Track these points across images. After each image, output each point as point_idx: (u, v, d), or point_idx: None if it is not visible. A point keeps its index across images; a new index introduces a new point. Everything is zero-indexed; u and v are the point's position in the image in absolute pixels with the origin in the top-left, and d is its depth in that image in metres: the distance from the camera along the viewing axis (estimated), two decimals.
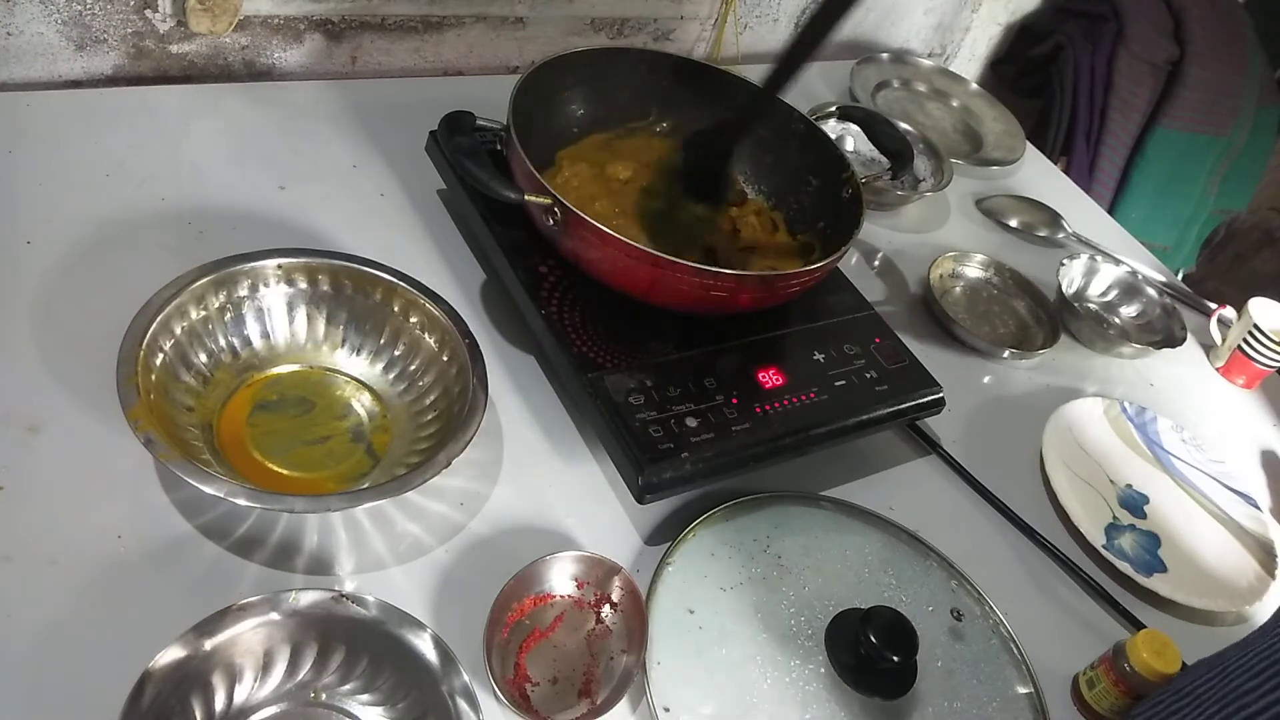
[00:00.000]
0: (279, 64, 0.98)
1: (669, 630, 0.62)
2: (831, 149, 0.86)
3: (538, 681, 0.59)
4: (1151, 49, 1.47)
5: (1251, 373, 1.05)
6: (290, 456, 0.64)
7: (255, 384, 0.67)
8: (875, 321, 0.83)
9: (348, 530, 0.63)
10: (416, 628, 0.56)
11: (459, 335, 0.68)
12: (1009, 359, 0.97)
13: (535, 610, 0.62)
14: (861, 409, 0.75)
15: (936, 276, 1.00)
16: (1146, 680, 0.66)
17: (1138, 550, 0.82)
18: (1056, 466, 0.85)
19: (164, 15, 0.88)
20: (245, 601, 0.54)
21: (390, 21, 1.00)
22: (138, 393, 0.57)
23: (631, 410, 0.68)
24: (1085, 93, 1.49)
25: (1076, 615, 0.76)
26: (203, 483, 0.55)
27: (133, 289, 0.63)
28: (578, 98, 0.86)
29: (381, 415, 0.69)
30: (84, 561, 0.57)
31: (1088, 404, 0.93)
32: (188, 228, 0.77)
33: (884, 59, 1.33)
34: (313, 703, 0.54)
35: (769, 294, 0.75)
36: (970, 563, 0.73)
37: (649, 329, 0.73)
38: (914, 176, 1.11)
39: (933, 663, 0.66)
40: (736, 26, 1.24)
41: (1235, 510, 0.89)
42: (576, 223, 0.68)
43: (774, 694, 0.61)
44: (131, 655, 0.50)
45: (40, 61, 0.86)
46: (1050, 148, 1.51)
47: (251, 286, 0.67)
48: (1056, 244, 1.15)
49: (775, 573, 0.68)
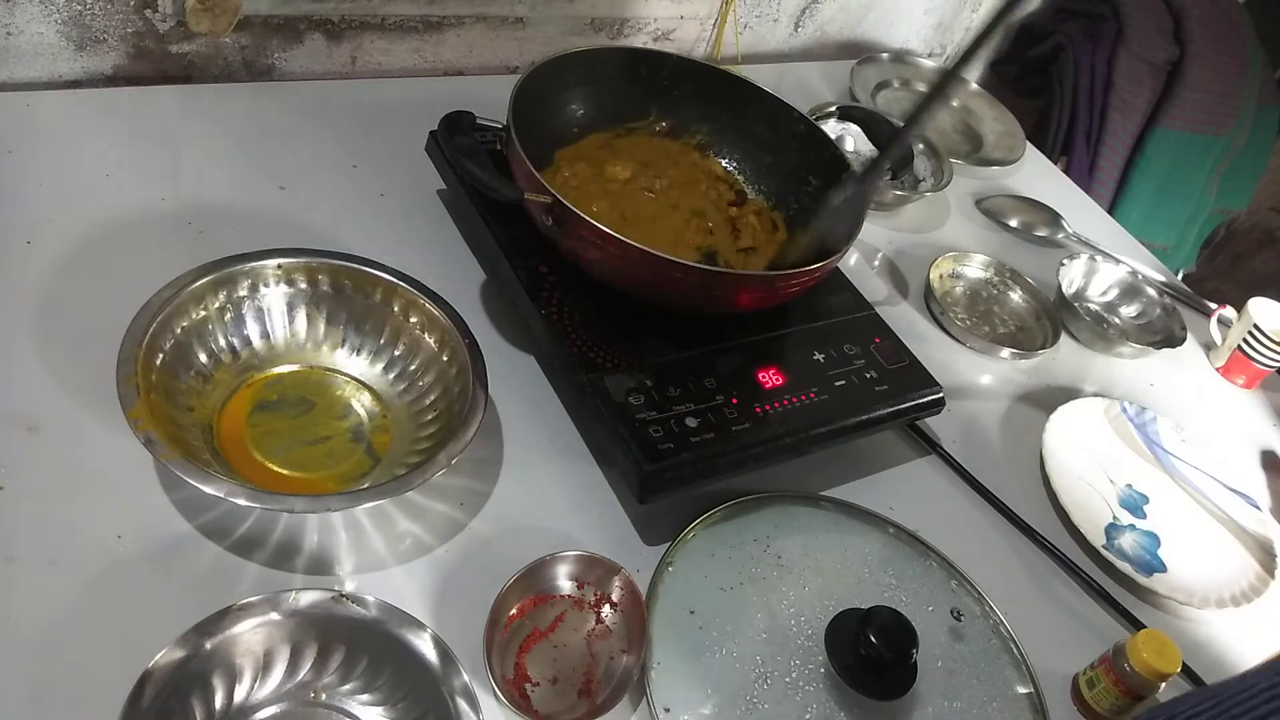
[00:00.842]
0: (279, 64, 0.98)
1: (669, 630, 0.62)
2: (831, 149, 0.86)
3: (538, 681, 0.59)
4: (1151, 49, 1.47)
5: (1251, 373, 1.05)
6: (290, 456, 0.64)
7: (255, 384, 0.67)
8: (875, 321, 0.83)
9: (348, 530, 0.63)
10: (416, 628, 0.56)
11: (459, 335, 0.68)
12: (1009, 359, 0.97)
13: (535, 610, 0.62)
14: (861, 409, 0.75)
15: (936, 276, 1.00)
16: (1146, 680, 0.66)
17: (1138, 550, 0.82)
18: (1056, 466, 0.85)
19: (164, 15, 0.88)
20: (245, 601, 0.54)
21: (390, 21, 1.00)
22: (138, 393, 0.57)
23: (631, 410, 0.68)
24: (1085, 93, 1.49)
25: (1076, 615, 0.76)
26: (203, 483, 0.55)
27: (133, 289, 0.63)
28: (578, 98, 0.86)
29: (381, 415, 0.69)
30: (84, 561, 0.57)
31: (1088, 404, 0.93)
32: (188, 228, 0.77)
33: (884, 59, 1.33)
34: (313, 703, 0.54)
35: (769, 294, 0.75)
36: (970, 563, 0.73)
37: (649, 329, 0.73)
38: (914, 176, 1.11)
39: (933, 663, 0.66)
40: (736, 26, 1.24)
41: (1235, 510, 0.89)
42: (576, 222, 0.68)
43: (774, 694, 0.61)
44: (131, 655, 0.50)
45: (40, 61, 0.86)
46: (1050, 148, 1.51)
47: (251, 286, 0.67)
48: (1056, 244, 1.15)
49: (775, 573, 0.68)
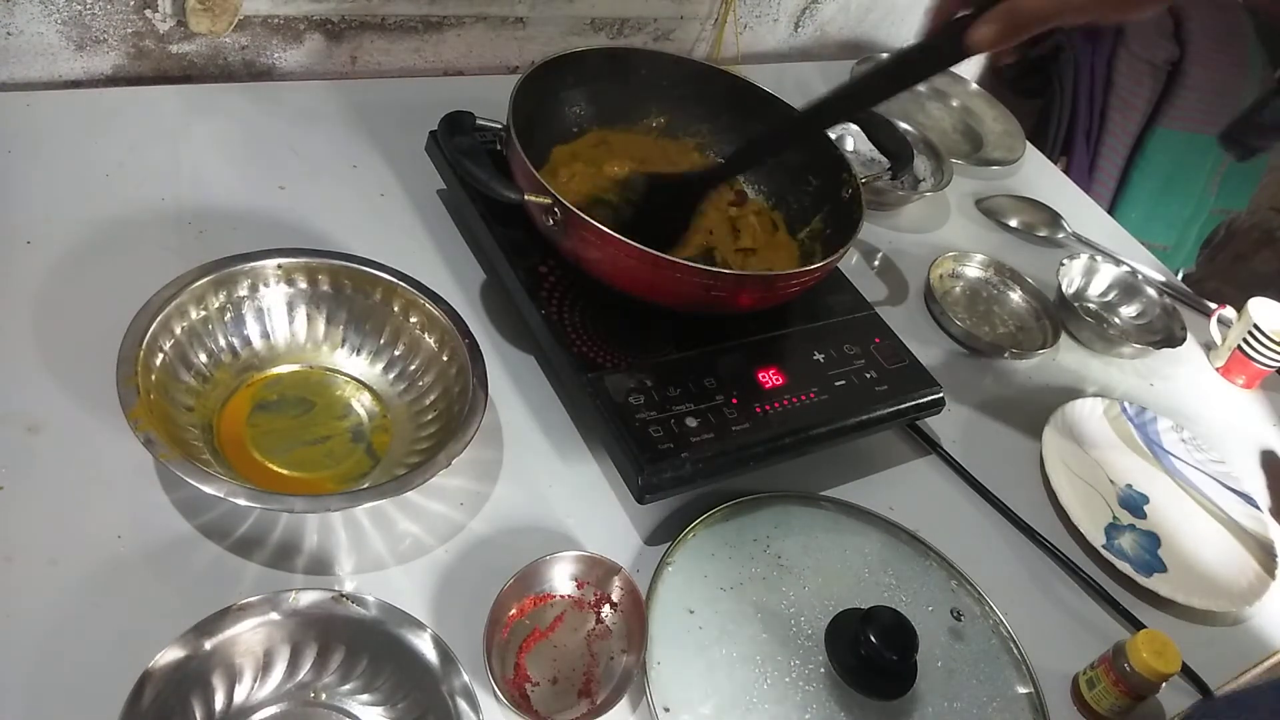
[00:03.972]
0: (279, 64, 0.98)
1: (669, 630, 0.62)
2: (831, 149, 0.86)
3: (538, 681, 0.59)
4: (1151, 49, 1.47)
5: (1251, 373, 1.05)
6: (290, 456, 0.64)
7: (255, 384, 0.67)
8: (875, 321, 0.83)
9: (348, 530, 0.63)
10: (416, 628, 0.56)
11: (459, 335, 0.68)
12: (1009, 359, 0.97)
13: (535, 610, 0.62)
14: (861, 409, 0.75)
15: (936, 276, 1.00)
16: (1146, 680, 0.66)
17: (1138, 550, 0.82)
18: (1056, 466, 0.85)
19: (164, 15, 0.88)
20: (245, 601, 0.54)
21: (390, 21, 1.00)
22: (138, 393, 0.57)
23: (631, 410, 0.68)
24: (1085, 93, 1.50)
25: (1076, 615, 0.76)
26: (203, 483, 0.55)
27: (133, 289, 0.63)
28: (578, 98, 0.86)
29: (381, 415, 0.69)
30: (84, 561, 0.57)
31: (1088, 404, 0.93)
32: (188, 228, 0.77)
33: (884, 59, 1.33)
34: (313, 703, 0.54)
35: (769, 294, 0.75)
36: (970, 563, 0.73)
37: (649, 329, 0.73)
38: (914, 176, 1.11)
39: (933, 663, 0.66)
40: (736, 26, 1.24)
41: (1235, 510, 0.89)
42: (576, 222, 0.68)
43: (774, 694, 0.61)
44: (131, 655, 0.50)
45: (40, 61, 0.86)
46: (1050, 148, 1.51)
47: (251, 286, 0.67)
48: (1056, 244, 1.15)
49: (775, 573, 0.68)
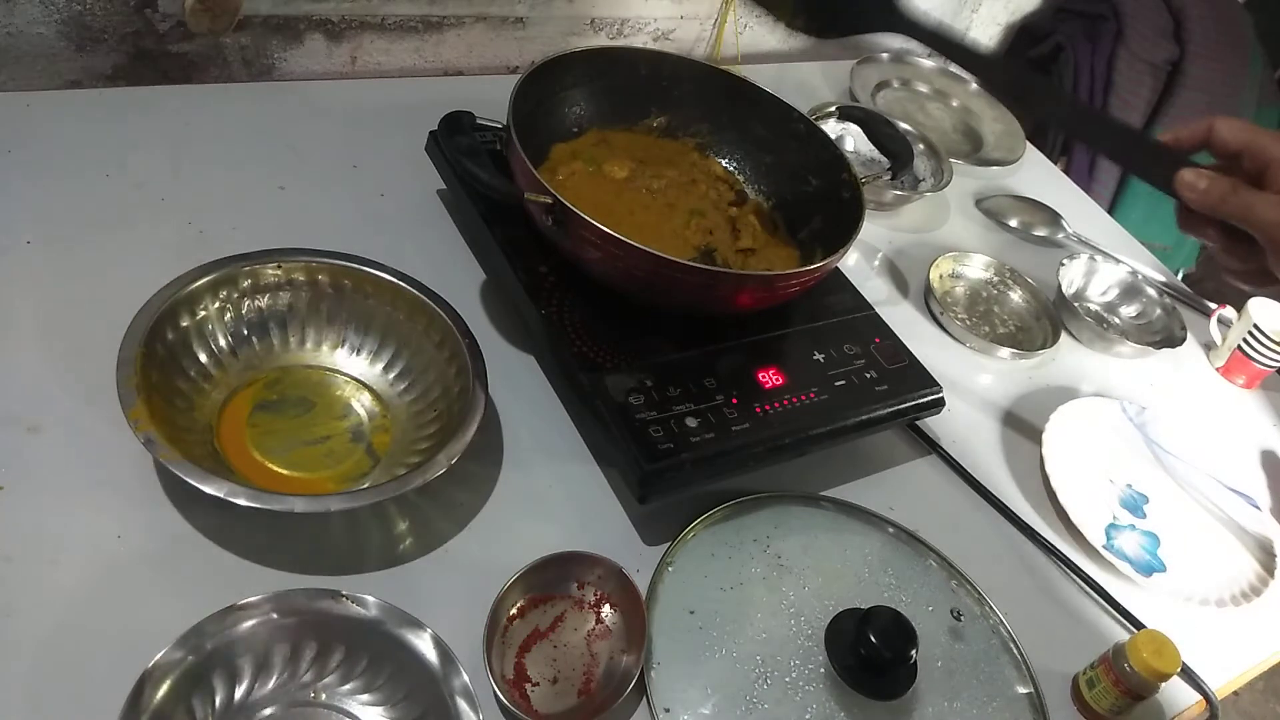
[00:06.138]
0: (279, 64, 0.98)
1: (669, 630, 0.62)
2: (831, 149, 0.86)
3: (538, 681, 0.59)
4: (1151, 49, 1.47)
5: (1251, 373, 1.05)
6: (290, 456, 0.64)
7: (255, 384, 0.67)
8: (875, 321, 0.83)
9: (348, 530, 0.63)
10: (416, 628, 0.56)
11: (459, 335, 0.68)
12: (1009, 359, 0.97)
13: (535, 610, 0.62)
14: (861, 409, 0.75)
15: (936, 276, 1.00)
16: (1146, 680, 0.66)
17: (1138, 550, 0.82)
18: (1056, 466, 0.85)
19: (164, 15, 0.88)
20: (245, 601, 0.54)
21: (390, 21, 1.00)
22: (138, 393, 0.57)
23: (631, 410, 0.68)
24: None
25: (1076, 615, 0.76)
26: (203, 483, 0.55)
27: (133, 289, 0.63)
28: (578, 97, 0.86)
29: (381, 415, 0.69)
30: (84, 561, 0.57)
31: (1088, 404, 0.93)
32: (188, 228, 0.77)
33: (884, 59, 1.33)
34: (313, 703, 0.54)
35: (769, 294, 0.75)
36: (970, 563, 0.74)
37: (649, 329, 0.73)
38: (914, 176, 1.11)
39: (933, 663, 0.66)
40: (736, 26, 1.24)
41: (1235, 510, 0.89)
42: (576, 222, 0.68)
43: (774, 694, 0.61)
44: (131, 655, 0.50)
45: (40, 61, 0.86)
46: (1050, 148, 1.51)
47: (251, 287, 0.67)
48: (1056, 244, 1.15)
49: (775, 573, 0.68)
